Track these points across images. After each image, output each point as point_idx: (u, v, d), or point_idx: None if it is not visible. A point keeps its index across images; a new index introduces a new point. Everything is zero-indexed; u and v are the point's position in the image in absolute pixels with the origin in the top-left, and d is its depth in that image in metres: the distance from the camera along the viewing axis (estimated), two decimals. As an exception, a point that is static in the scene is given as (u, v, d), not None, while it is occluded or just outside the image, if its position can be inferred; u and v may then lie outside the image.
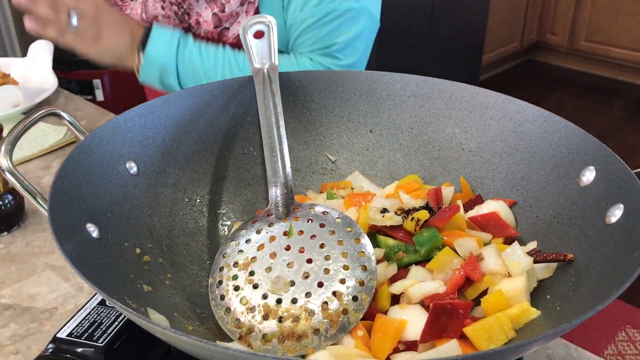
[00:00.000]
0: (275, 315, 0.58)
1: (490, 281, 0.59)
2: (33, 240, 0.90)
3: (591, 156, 0.64)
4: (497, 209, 0.68)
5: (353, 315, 0.57)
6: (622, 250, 0.53)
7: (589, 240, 0.59)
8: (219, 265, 0.63)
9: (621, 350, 1.94)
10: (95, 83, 2.47)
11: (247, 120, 0.79)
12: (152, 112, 0.72)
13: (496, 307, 0.56)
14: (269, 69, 0.74)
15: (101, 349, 0.59)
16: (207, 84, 0.76)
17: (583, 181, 0.64)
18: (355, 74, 0.81)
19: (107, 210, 0.63)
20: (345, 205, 0.71)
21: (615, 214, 0.57)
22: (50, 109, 0.65)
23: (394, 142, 0.80)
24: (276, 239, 0.64)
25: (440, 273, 0.60)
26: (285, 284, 0.60)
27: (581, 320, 0.44)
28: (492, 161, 0.74)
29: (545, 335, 0.43)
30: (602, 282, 0.52)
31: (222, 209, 0.77)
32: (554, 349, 0.71)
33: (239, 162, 0.78)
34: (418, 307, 0.57)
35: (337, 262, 0.61)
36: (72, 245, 0.53)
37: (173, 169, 0.73)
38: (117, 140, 0.68)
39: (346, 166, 0.81)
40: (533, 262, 0.60)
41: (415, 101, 0.79)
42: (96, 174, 0.64)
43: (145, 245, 0.66)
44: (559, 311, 0.55)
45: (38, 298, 0.78)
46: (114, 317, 0.63)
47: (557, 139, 0.68)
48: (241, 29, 0.74)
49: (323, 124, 0.81)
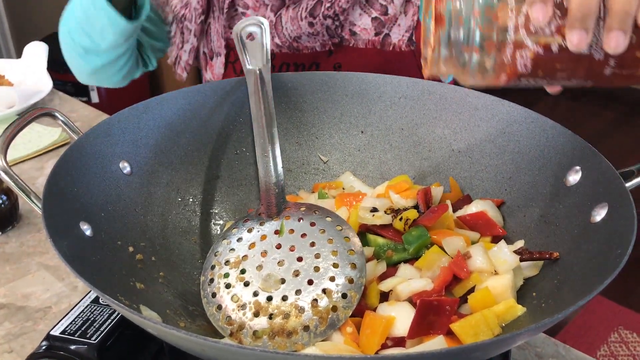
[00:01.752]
0: (266, 312, 0.59)
1: (478, 279, 0.60)
2: (27, 240, 0.90)
3: (578, 157, 0.65)
4: (485, 208, 0.69)
5: (342, 312, 0.58)
6: (606, 248, 0.54)
7: (574, 239, 0.60)
8: (210, 264, 0.64)
9: (614, 352, 1.95)
10: (90, 85, 2.47)
11: (239, 120, 0.80)
12: (146, 112, 0.73)
13: (483, 304, 0.57)
14: (262, 70, 0.75)
15: (94, 346, 0.60)
16: (200, 85, 0.77)
17: (569, 181, 0.65)
18: (347, 76, 0.82)
19: (101, 209, 0.64)
20: (336, 205, 0.72)
21: (600, 213, 0.59)
22: (45, 110, 0.66)
23: (384, 143, 0.81)
24: (267, 237, 0.65)
25: (428, 271, 0.61)
26: (276, 281, 0.61)
27: (563, 315, 0.45)
28: (481, 162, 0.75)
29: (528, 330, 0.44)
30: (586, 280, 0.53)
31: (215, 209, 0.78)
32: (543, 347, 0.72)
33: (231, 162, 0.79)
34: (406, 304, 0.58)
35: (327, 260, 0.62)
36: (66, 243, 0.54)
37: (166, 169, 0.74)
38: (111, 140, 0.69)
39: (338, 166, 0.82)
40: (519, 261, 0.61)
41: (406, 103, 0.80)
42: (90, 173, 0.65)
43: (138, 244, 0.66)
44: (544, 308, 0.57)
45: (32, 297, 0.79)
46: (107, 314, 0.63)
47: (544, 140, 0.69)
48: (234, 30, 0.75)
49: (315, 125, 0.82)
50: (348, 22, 0.97)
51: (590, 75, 0.51)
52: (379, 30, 0.98)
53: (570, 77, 0.52)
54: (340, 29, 0.97)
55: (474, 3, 0.50)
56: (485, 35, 0.50)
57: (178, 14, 1.03)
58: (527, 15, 0.48)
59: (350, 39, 0.99)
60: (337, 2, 0.94)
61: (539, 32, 0.49)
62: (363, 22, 0.97)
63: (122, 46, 0.98)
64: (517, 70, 0.51)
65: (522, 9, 0.49)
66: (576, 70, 0.51)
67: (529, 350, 0.71)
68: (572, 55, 0.49)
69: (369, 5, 0.97)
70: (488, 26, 0.50)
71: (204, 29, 1.04)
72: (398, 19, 0.97)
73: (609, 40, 0.46)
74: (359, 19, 0.97)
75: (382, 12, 0.97)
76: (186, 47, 1.05)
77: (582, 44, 0.47)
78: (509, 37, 0.50)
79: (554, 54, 0.49)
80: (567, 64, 0.50)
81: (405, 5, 0.97)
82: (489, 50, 0.50)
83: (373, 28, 0.97)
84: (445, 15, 0.51)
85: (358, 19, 0.97)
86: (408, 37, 0.98)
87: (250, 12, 0.99)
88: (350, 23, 0.98)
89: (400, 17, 0.97)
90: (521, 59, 0.50)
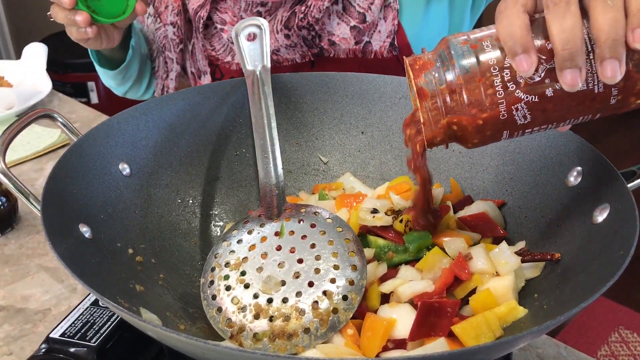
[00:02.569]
0: (266, 314, 0.59)
1: (479, 280, 0.59)
2: (27, 242, 0.90)
3: (579, 157, 0.64)
4: (486, 209, 0.69)
5: (343, 314, 0.58)
6: (608, 249, 0.54)
7: (576, 240, 0.60)
8: (210, 266, 0.64)
9: (614, 351, 1.95)
10: (89, 85, 2.47)
11: (239, 122, 0.79)
12: (145, 113, 0.72)
13: (484, 306, 0.57)
14: (261, 70, 0.74)
15: (94, 348, 0.60)
16: (200, 86, 0.77)
17: (571, 181, 0.64)
18: (347, 77, 0.81)
19: (100, 211, 0.64)
20: (336, 206, 0.72)
21: (601, 213, 0.58)
22: (44, 111, 0.66)
23: (385, 143, 0.81)
24: (267, 239, 0.64)
25: (429, 272, 0.60)
26: (276, 283, 0.60)
27: (565, 317, 0.45)
28: (481, 162, 0.75)
29: (530, 332, 0.43)
30: (588, 281, 0.53)
31: (215, 210, 0.77)
32: (544, 348, 0.72)
33: (231, 163, 0.79)
34: (407, 306, 0.58)
35: (327, 262, 0.61)
36: (65, 245, 0.54)
37: (166, 170, 0.74)
38: (110, 142, 0.69)
39: (338, 167, 0.82)
40: (521, 262, 0.61)
41: (406, 103, 0.80)
42: (89, 175, 0.65)
43: (137, 246, 0.66)
44: (546, 310, 0.56)
45: (32, 299, 0.79)
46: (107, 317, 0.63)
47: (545, 140, 0.69)
48: (234, 31, 0.75)
49: (315, 126, 0.82)
50: (326, 32, 0.95)
51: (598, 110, 0.48)
52: (358, 38, 0.95)
53: (577, 116, 0.49)
54: (318, 39, 0.95)
55: (455, 69, 0.48)
56: (473, 100, 0.47)
57: (160, 45, 1.07)
58: (512, 67, 0.46)
59: (330, 49, 0.96)
60: (309, 12, 0.92)
61: (529, 81, 0.46)
62: (342, 32, 0.95)
63: (128, 79, 1.11)
64: (517, 124, 0.48)
65: (504, 64, 0.46)
66: (580, 108, 0.48)
67: (530, 352, 0.71)
68: (570, 95, 0.46)
69: (346, 14, 0.94)
70: (473, 89, 0.47)
71: (190, 50, 1.06)
72: (378, 25, 0.94)
73: (604, 71, 0.43)
74: (337, 29, 0.95)
75: (360, 20, 0.93)
76: (171, 75, 1.09)
77: (577, 82, 0.44)
78: (499, 95, 0.47)
79: (551, 98, 0.47)
80: (567, 105, 0.47)
81: (384, 11, 0.94)
82: (480, 113, 0.48)
83: (352, 37, 0.95)
84: (426, 88, 0.50)
85: (336, 28, 0.95)
86: (389, 42, 0.95)
87: (228, 27, 0.99)
88: (328, 33, 0.95)
89: (380, 23, 0.94)
90: (518, 112, 0.47)
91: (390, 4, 0.93)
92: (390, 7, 0.93)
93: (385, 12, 0.94)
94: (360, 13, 0.93)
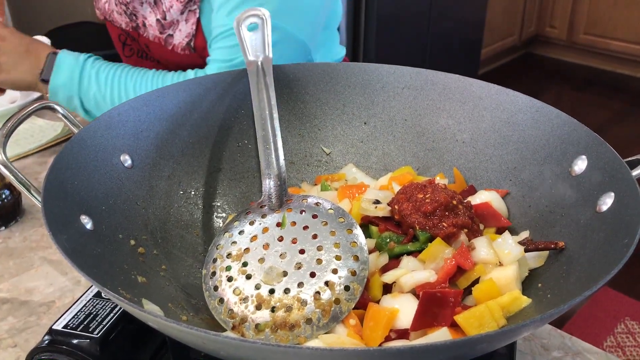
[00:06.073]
0: (268, 305, 0.58)
1: (482, 270, 0.59)
2: (31, 235, 0.90)
3: (583, 145, 0.64)
4: (489, 199, 0.68)
5: (345, 304, 0.58)
6: (613, 238, 0.54)
7: (581, 229, 0.60)
8: (212, 257, 0.64)
9: (620, 342, 1.95)
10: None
11: (241, 113, 0.79)
12: (146, 105, 0.72)
13: (487, 296, 0.57)
14: (263, 61, 0.74)
15: (97, 340, 0.60)
16: (201, 77, 0.77)
17: (575, 170, 0.64)
18: (350, 66, 0.81)
19: (102, 203, 0.64)
20: (338, 197, 0.71)
21: (606, 202, 0.58)
22: (44, 102, 0.65)
23: (388, 134, 0.80)
24: (269, 230, 0.64)
25: (432, 263, 0.60)
26: (278, 274, 0.60)
27: (569, 306, 0.44)
28: (485, 152, 0.74)
29: (533, 321, 0.43)
30: (593, 270, 0.53)
31: (217, 202, 0.77)
32: (549, 339, 0.71)
33: (233, 154, 0.79)
34: (410, 296, 0.58)
35: (329, 253, 0.61)
36: (66, 236, 0.54)
37: (167, 162, 0.74)
38: (112, 133, 0.68)
39: (340, 158, 0.82)
40: (524, 251, 0.60)
41: (409, 93, 0.79)
42: (90, 166, 0.64)
43: (139, 237, 0.66)
44: (550, 299, 0.56)
45: (36, 292, 0.79)
46: (110, 309, 0.63)
47: (549, 129, 0.68)
48: (235, 21, 0.74)
49: (317, 117, 0.82)
50: (140, 14, 1.12)
51: None
52: (162, 30, 1.10)
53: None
54: (135, 17, 1.13)
55: None
56: None
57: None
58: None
59: (143, 30, 1.13)
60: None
61: None
62: (150, 20, 1.11)
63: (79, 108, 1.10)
64: None
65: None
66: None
67: (534, 342, 0.70)
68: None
69: (156, 7, 1.09)
70: None
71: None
72: (179, 24, 1.08)
73: None
74: (149, 16, 1.11)
75: (163, 17, 1.09)
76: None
77: None
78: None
79: None
80: None
81: (186, 14, 1.07)
82: None
83: (157, 28, 1.11)
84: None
85: (148, 15, 1.11)
86: (187, 41, 1.09)
87: None
88: (142, 16, 1.12)
89: (182, 24, 1.08)
90: None
91: (194, 10, 1.06)
92: (193, 12, 1.07)
93: (188, 16, 1.07)
94: (163, 11, 1.09)
